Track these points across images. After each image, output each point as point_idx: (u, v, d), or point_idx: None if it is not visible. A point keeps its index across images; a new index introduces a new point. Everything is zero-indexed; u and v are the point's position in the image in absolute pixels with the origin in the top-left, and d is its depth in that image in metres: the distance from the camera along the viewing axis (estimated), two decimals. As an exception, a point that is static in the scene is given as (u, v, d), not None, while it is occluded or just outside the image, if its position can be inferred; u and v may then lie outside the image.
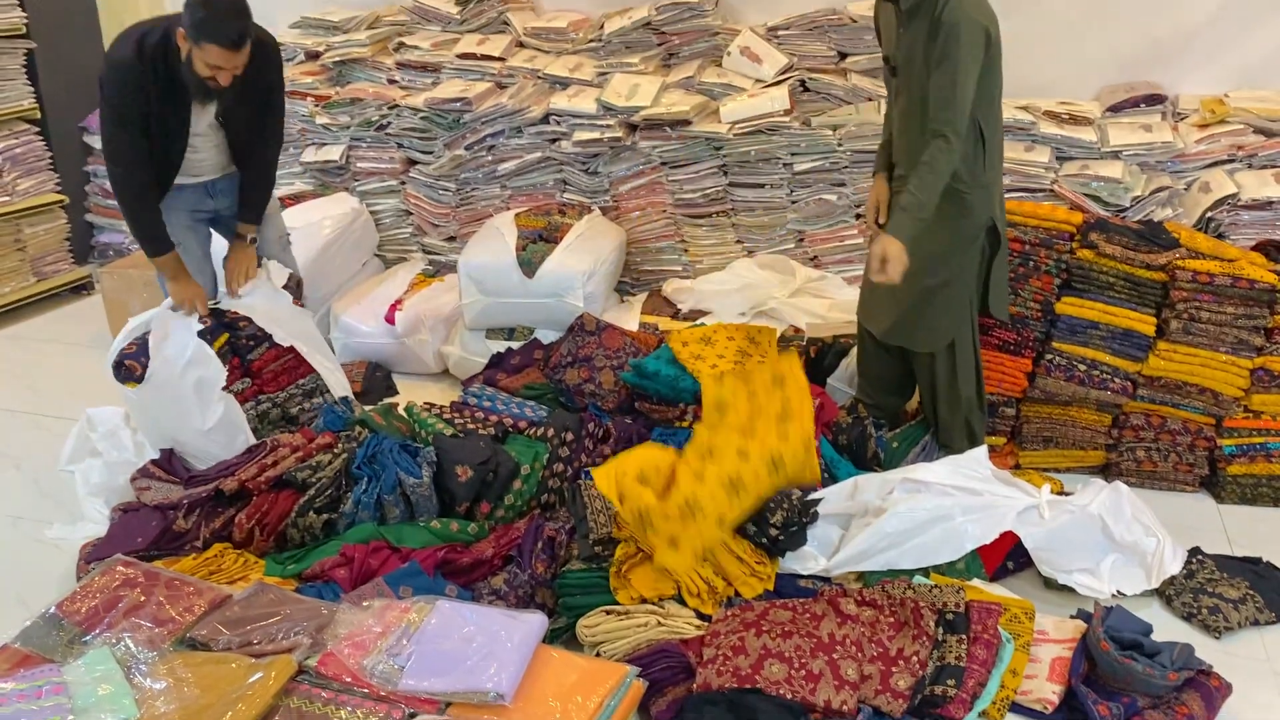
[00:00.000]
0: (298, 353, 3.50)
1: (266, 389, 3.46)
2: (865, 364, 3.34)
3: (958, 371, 3.10)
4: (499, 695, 1.92)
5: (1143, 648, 2.37)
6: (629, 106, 4.13)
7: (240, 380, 3.39)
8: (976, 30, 2.68)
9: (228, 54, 2.97)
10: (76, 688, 1.93)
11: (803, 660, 2.29)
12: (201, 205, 3.44)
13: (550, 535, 2.76)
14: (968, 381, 3.13)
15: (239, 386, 3.37)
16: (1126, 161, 3.80)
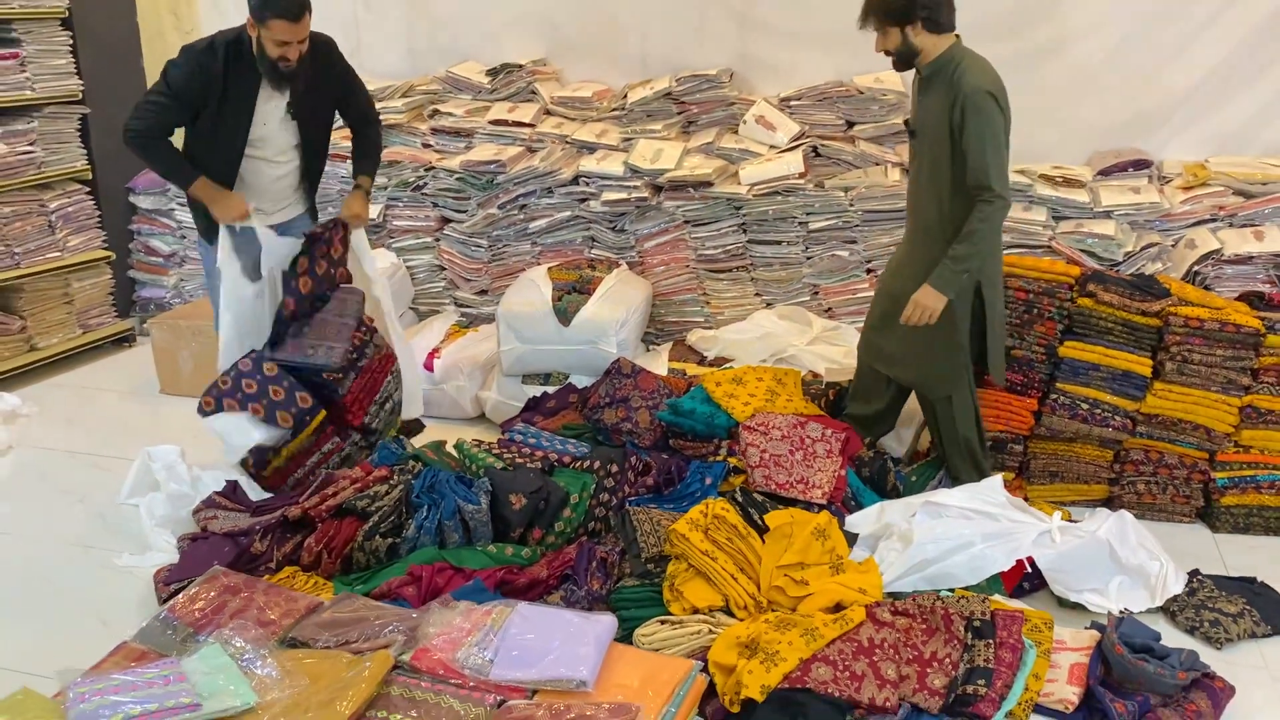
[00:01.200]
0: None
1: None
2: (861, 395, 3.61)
3: (955, 416, 3.37)
4: (582, 683, 2.12)
5: (1153, 651, 2.60)
6: (654, 169, 4.44)
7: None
8: (985, 97, 2.98)
9: (291, 26, 3.27)
10: (197, 677, 2.12)
11: (846, 663, 2.50)
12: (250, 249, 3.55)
13: (602, 556, 2.97)
14: (966, 425, 3.39)
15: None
16: (1118, 220, 4.10)
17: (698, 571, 2.82)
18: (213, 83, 3.35)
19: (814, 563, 2.86)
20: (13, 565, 3.30)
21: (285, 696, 2.10)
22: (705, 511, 2.94)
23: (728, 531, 2.90)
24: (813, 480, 3.25)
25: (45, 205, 4.83)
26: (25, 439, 4.17)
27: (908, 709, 2.46)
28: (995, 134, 2.97)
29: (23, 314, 4.80)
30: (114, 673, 2.13)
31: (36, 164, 4.77)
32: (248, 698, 2.08)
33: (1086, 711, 2.56)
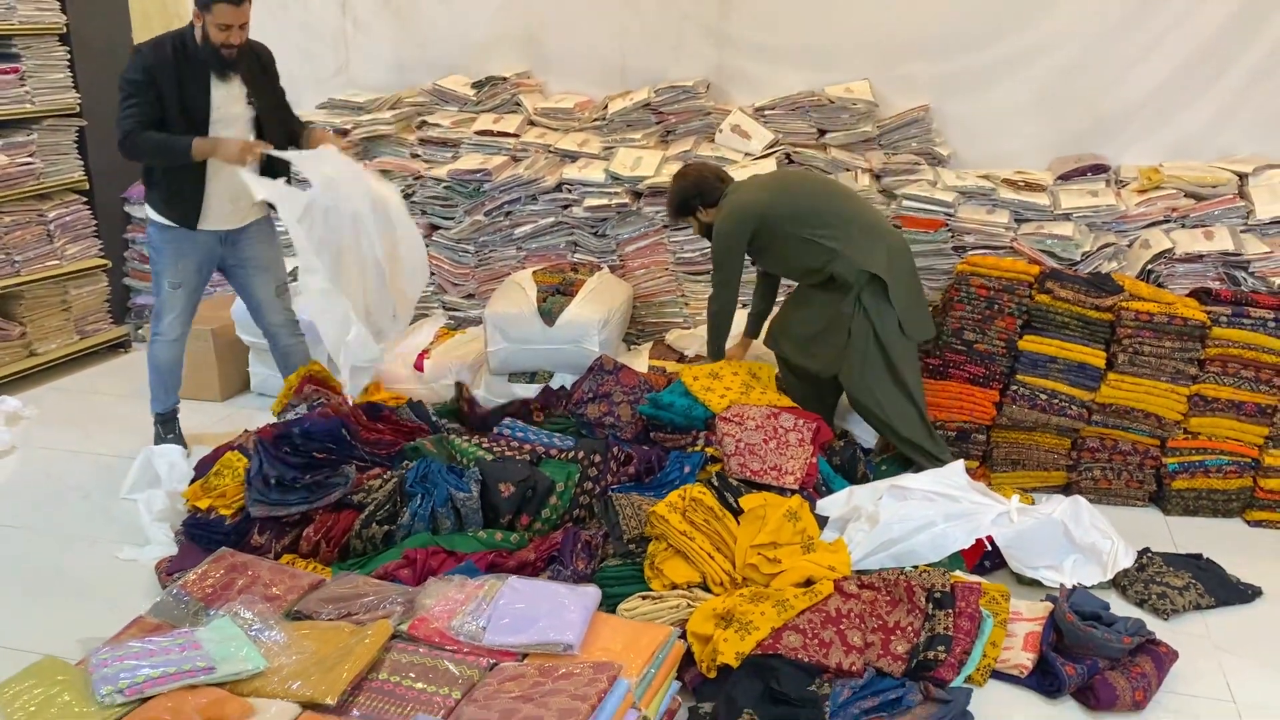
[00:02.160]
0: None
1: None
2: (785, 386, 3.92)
3: (889, 415, 3.59)
4: (569, 646, 2.29)
5: (1101, 619, 2.79)
6: (634, 176, 4.62)
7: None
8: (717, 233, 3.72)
9: (233, 9, 3.55)
10: (210, 645, 2.28)
11: (815, 631, 2.68)
12: (213, 252, 3.94)
13: (587, 540, 3.14)
14: (906, 424, 3.60)
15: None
16: (1076, 222, 4.30)
17: (676, 551, 2.99)
18: (165, 71, 3.61)
19: (786, 542, 3.04)
20: (24, 556, 3.45)
21: (292, 662, 2.26)
22: (683, 495, 3.11)
23: (705, 514, 3.07)
24: (785, 467, 3.42)
25: (44, 215, 4.97)
26: (28, 440, 4.32)
27: (872, 673, 2.63)
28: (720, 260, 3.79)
29: (22, 320, 4.94)
30: (132, 641, 2.28)
31: (36, 175, 4.92)
32: (258, 662, 2.23)
33: (1040, 675, 2.75)
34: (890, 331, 3.53)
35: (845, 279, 3.55)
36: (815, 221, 3.62)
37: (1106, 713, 2.63)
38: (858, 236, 3.58)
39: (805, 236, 3.61)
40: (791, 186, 3.79)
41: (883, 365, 3.55)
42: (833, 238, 3.58)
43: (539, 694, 2.12)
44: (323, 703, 2.14)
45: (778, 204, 3.68)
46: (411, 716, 2.09)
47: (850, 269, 3.54)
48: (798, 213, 3.65)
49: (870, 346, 3.55)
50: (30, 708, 2.08)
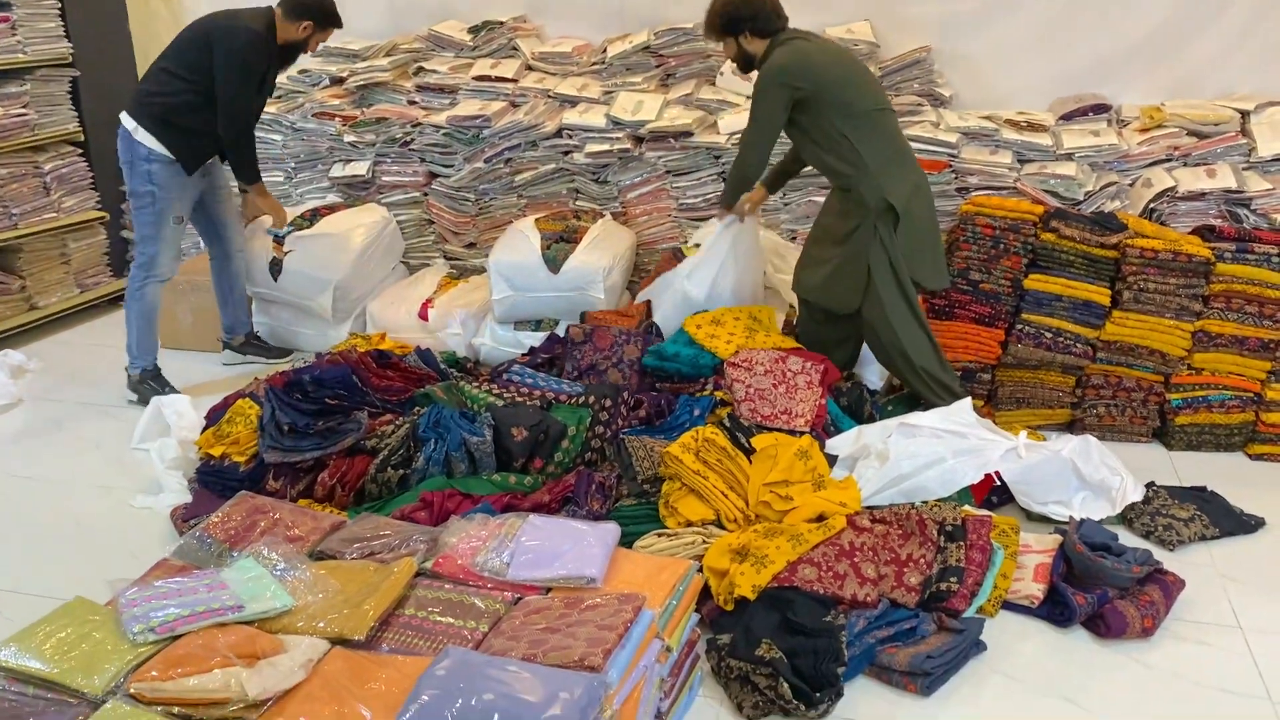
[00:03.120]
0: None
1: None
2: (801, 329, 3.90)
3: (905, 344, 3.55)
4: (592, 579, 2.32)
5: (1110, 549, 2.84)
6: (635, 121, 4.60)
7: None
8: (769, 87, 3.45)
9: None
10: (236, 585, 2.30)
11: (829, 564, 2.72)
12: (199, 186, 4.21)
13: (600, 481, 3.17)
14: (919, 353, 3.57)
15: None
16: (1079, 162, 4.30)
17: (690, 490, 3.02)
18: (264, 62, 4.04)
19: (798, 480, 3.07)
20: (41, 506, 3.47)
21: (318, 600, 2.28)
22: (696, 436, 3.14)
23: (717, 454, 3.10)
24: (795, 410, 3.45)
25: (40, 167, 4.93)
26: (34, 392, 4.32)
27: (886, 604, 2.68)
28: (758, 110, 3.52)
29: (22, 274, 4.91)
30: (158, 582, 2.31)
31: (30, 126, 4.87)
32: (286, 601, 2.26)
33: (1050, 605, 2.80)
34: (902, 264, 3.49)
35: (864, 201, 3.45)
36: (861, 121, 3.43)
37: (1116, 640, 2.69)
38: (892, 160, 3.47)
39: (845, 131, 3.42)
40: (855, 71, 3.54)
41: (899, 296, 3.52)
42: (869, 148, 3.43)
43: (565, 625, 2.15)
44: (352, 638, 2.17)
45: (837, 77, 3.43)
46: (440, 649, 2.12)
47: (874, 193, 3.42)
48: (848, 100, 3.43)
49: (888, 276, 3.49)
50: (63, 647, 2.11)
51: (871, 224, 3.47)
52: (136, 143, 3.96)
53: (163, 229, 4.06)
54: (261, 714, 1.96)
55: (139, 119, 3.96)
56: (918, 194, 3.51)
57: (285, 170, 5.19)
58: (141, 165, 3.98)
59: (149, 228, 4.06)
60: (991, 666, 2.61)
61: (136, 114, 3.97)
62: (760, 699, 2.41)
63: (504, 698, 1.88)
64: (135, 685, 1.99)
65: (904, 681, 2.52)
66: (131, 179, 4.05)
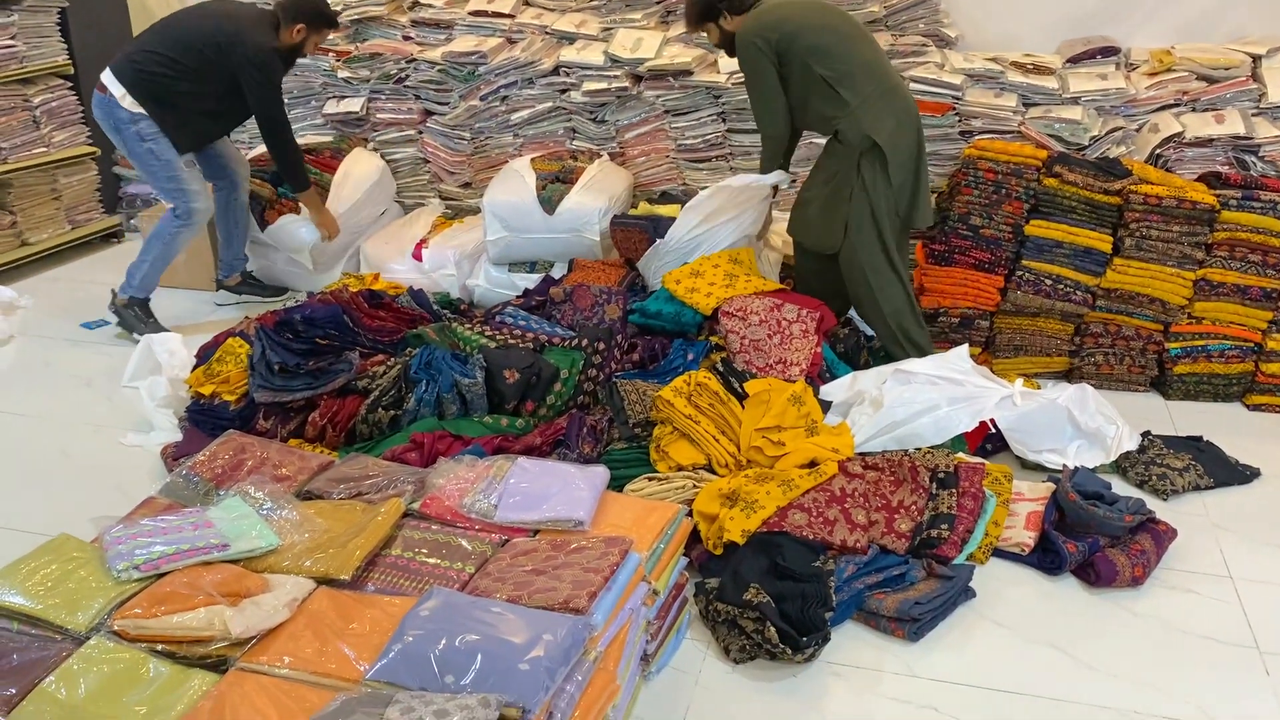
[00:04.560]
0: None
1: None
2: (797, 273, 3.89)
3: (875, 290, 3.51)
4: (579, 522, 2.30)
5: (1103, 498, 2.82)
6: (634, 58, 4.51)
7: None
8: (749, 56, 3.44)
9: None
10: (222, 523, 2.28)
11: (820, 510, 2.71)
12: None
13: (592, 424, 3.15)
14: (889, 301, 3.51)
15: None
16: (1085, 106, 4.22)
17: (682, 434, 3.00)
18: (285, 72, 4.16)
19: (790, 426, 3.05)
20: (30, 443, 3.46)
21: (304, 539, 2.27)
22: (688, 380, 3.11)
23: (709, 398, 3.07)
24: (790, 359, 3.41)
25: (29, 100, 4.85)
26: (26, 329, 4.28)
27: (876, 550, 2.67)
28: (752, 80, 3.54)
29: (12, 209, 4.86)
30: (144, 520, 2.29)
31: (18, 58, 4.78)
32: (271, 540, 2.24)
33: (1041, 553, 2.79)
34: (884, 208, 3.43)
35: (848, 139, 3.42)
36: (837, 65, 3.41)
37: (1106, 589, 2.68)
38: (873, 98, 3.40)
39: (824, 76, 3.40)
40: (826, 18, 3.52)
41: (875, 239, 3.46)
42: (850, 89, 3.40)
43: (552, 567, 2.14)
44: (337, 578, 2.16)
45: (805, 27, 3.43)
46: (426, 589, 2.11)
47: (856, 131, 3.39)
48: (821, 45, 3.42)
49: (865, 218, 3.44)
50: (48, 583, 2.10)
51: (854, 163, 3.42)
52: (120, 108, 3.89)
53: (179, 176, 4.02)
54: (245, 652, 1.95)
55: (133, 91, 3.89)
56: (900, 129, 3.43)
57: (278, 106, 5.09)
58: (129, 129, 3.93)
59: (167, 181, 4.02)
60: (980, 613, 2.61)
61: (130, 85, 3.89)
62: (747, 642, 2.41)
63: (488, 639, 1.87)
64: (119, 622, 1.98)
65: (891, 627, 2.52)
66: (124, 144, 4.00)
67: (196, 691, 1.87)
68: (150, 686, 1.88)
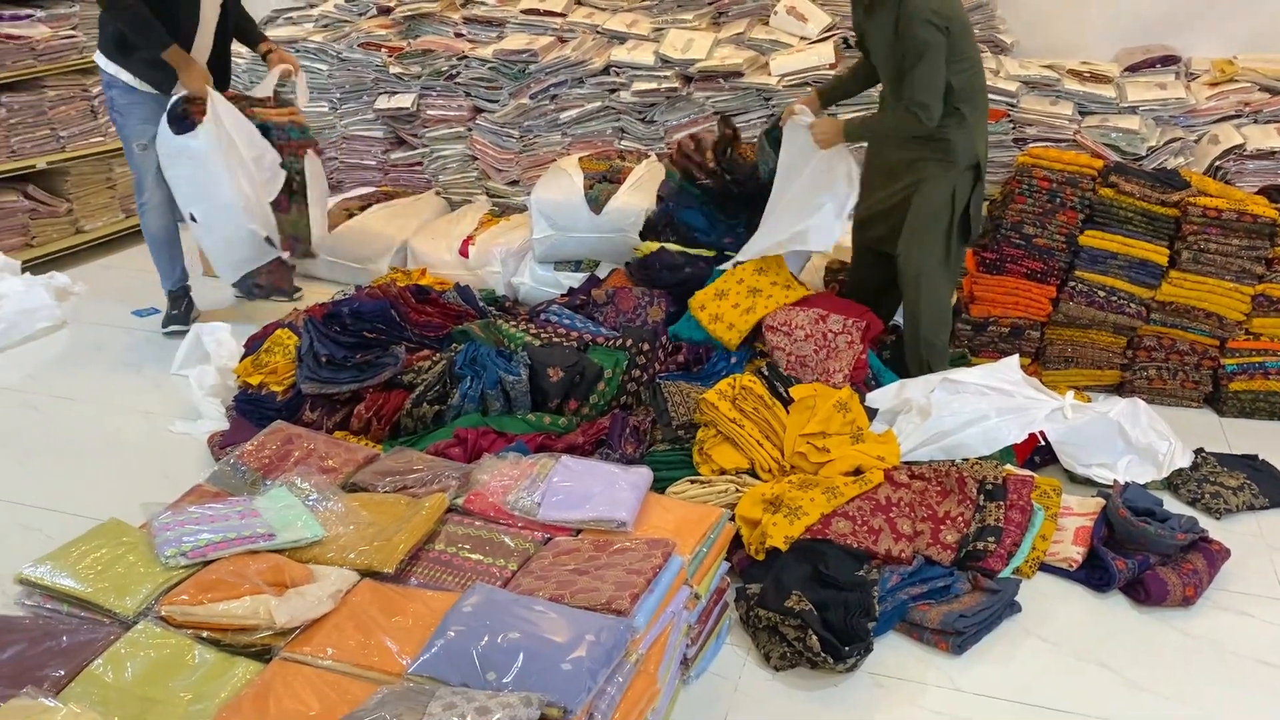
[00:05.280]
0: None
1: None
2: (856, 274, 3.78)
3: (921, 309, 3.41)
4: (622, 523, 2.30)
5: (1155, 515, 2.77)
6: (685, 59, 4.49)
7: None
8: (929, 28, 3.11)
9: None
10: (268, 513, 2.31)
11: (864, 518, 2.68)
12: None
13: (635, 424, 3.14)
14: (930, 322, 3.42)
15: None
16: (1143, 115, 4.15)
17: (725, 437, 2.99)
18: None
19: (835, 432, 3.02)
20: (80, 427, 3.51)
21: (349, 531, 2.28)
22: (733, 384, 3.09)
23: (754, 402, 3.05)
24: (832, 369, 3.37)
25: (87, 90, 4.93)
26: (79, 315, 4.35)
27: (921, 561, 2.64)
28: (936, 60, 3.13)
29: (69, 197, 4.94)
30: (192, 507, 2.31)
31: (79, 48, 4.86)
32: (317, 531, 2.26)
33: (1090, 569, 2.74)
34: (959, 226, 3.34)
35: (951, 152, 3.25)
36: (971, 79, 3.24)
37: (1156, 607, 2.63)
38: (980, 118, 3.31)
39: (954, 84, 3.19)
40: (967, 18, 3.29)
41: (944, 257, 3.37)
42: (969, 104, 3.24)
43: (594, 567, 2.13)
44: (381, 571, 2.17)
45: (965, 29, 3.22)
46: (468, 585, 2.11)
47: (967, 147, 3.25)
48: (969, 54, 3.23)
49: (941, 233, 3.33)
50: (97, 567, 2.13)
51: (950, 175, 3.28)
52: (102, 70, 3.90)
53: (131, 156, 3.99)
54: (289, 642, 1.97)
55: (101, 46, 3.88)
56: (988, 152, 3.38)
57: (330, 101, 5.14)
58: (107, 93, 3.93)
59: (127, 155, 4.05)
60: (1026, 628, 2.57)
61: (100, 43, 3.88)
62: (788, 650, 2.39)
63: (529, 637, 1.87)
64: (166, 608, 2.01)
65: (935, 639, 2.48)
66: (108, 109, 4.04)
67: (240, 679, 1.89)
68: (195, 673, 1.90)
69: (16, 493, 3.11)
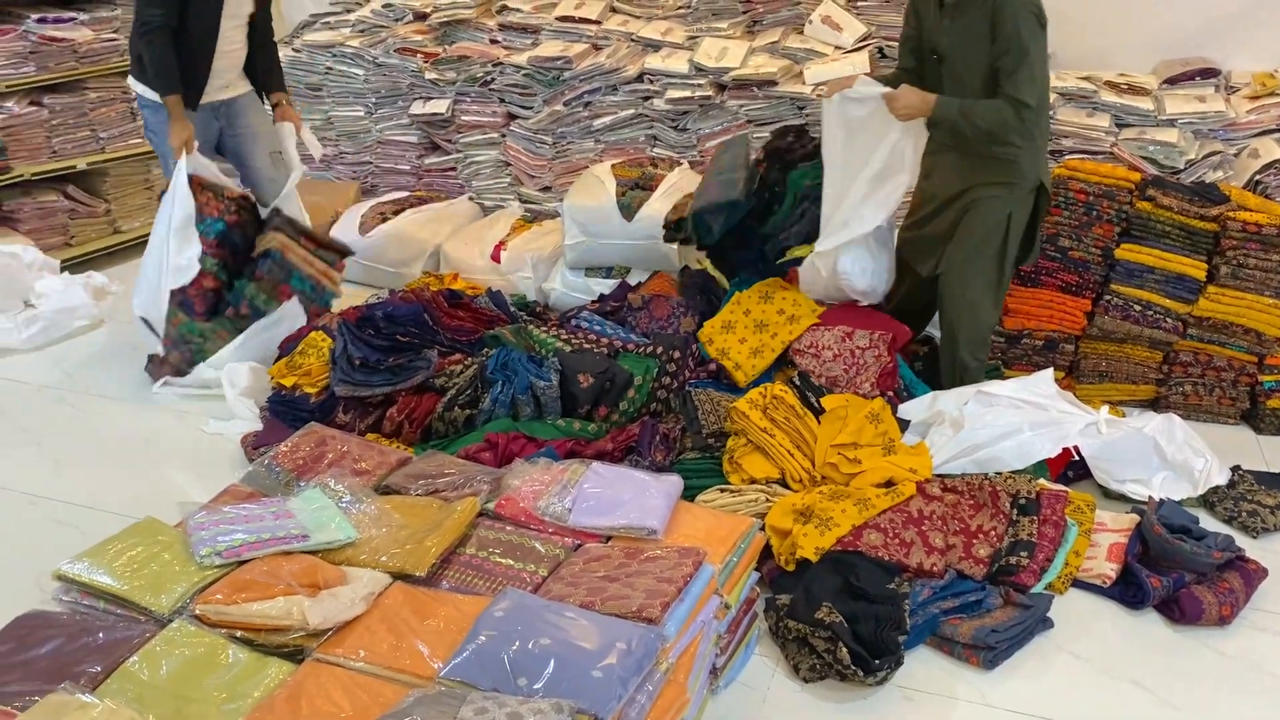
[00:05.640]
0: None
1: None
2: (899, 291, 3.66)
3: (961, 331, 3.36)
4: (652, 531, 2.30)
5: (1190, 533, 2.74)
6: (719, 67, 4.49)
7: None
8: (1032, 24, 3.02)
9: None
10: (302, 514, 2.32)
11: (896, 531, 2.67)
12: (209, 130, 3.95)
13: (665, 432, 3.14)
14: (969, 344, 3.37)
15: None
16: (1181, 128, 4.10)
17: (755, 447, 2.98)
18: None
19: (867, 443, 3.01)
20: (117, 426, 3.55)
21: (381, 534, 2.29)
22: (764, 393, 3.08)
23: (785, 411, 3.04)
24: (863, 383, 3.35)
25: (128, 92, 4.97)
26: (116, 314, 4.40)
27: (953, 575, 2.62)
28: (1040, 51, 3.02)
29: (107, 197, 5.00)
30: (227, 508, 2.34)
31: (120, 51, 4.92)
32: (350, 533, 2.28)
33: (1123, 586, 2.71)
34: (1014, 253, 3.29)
35: (1020, 175, 3.17)
36: (1045, 93, 3.14)
37: (1191, 626, 2.60)
38: (1045, 141, 3.26)
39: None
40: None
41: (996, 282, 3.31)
42: (1041, 125, 3.16)
43: (624, 575, 2.13)
44: (413, 574, 2.18)
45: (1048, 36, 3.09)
46: (498, 589, 2.12)
47: (1034, 169, 3.17)
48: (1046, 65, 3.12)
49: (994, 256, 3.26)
50: (133, 565, 2.15)
51: (1010, 197, 3.20)
52: (134, 91, 3.91)
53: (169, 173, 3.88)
54: (321, 643, 1.98)
55: (130, 69, 3.89)
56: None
57: (366, 105, 5.18)
58: (142, 113, 3.94)
59: (164, 172, 3.98)
60: (1058, 645, 2.54)
61: (130, 65, 3.89)
62: (818, 662, 2.38)
63: (560, 643, 1.87)
64: (201, 607, 2.03)
65: (966, 654, 2.46)
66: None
67: (273, 680, 1.90)
68: (229, 672, 1.92)
69: (52, 489, 3.15)
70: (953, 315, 3.40)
